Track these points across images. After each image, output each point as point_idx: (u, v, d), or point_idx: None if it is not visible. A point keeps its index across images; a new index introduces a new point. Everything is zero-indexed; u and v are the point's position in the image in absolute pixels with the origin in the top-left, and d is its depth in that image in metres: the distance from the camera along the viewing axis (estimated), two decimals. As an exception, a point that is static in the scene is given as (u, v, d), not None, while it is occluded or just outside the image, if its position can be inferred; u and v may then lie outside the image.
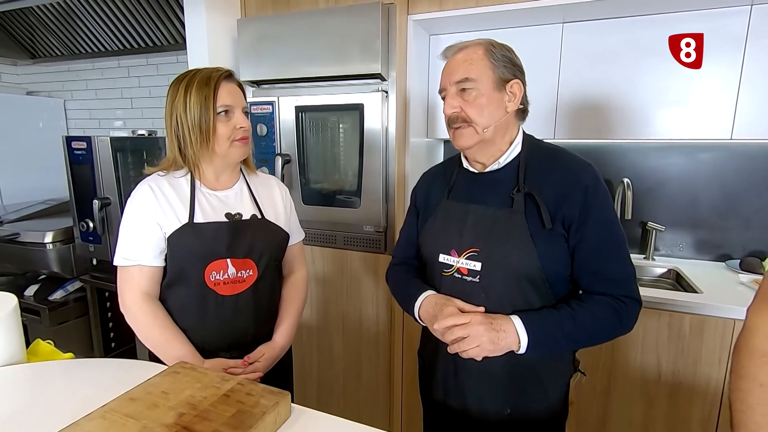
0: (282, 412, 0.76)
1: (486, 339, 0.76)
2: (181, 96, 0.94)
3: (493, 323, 0.77)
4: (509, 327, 0.78)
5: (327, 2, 1.69)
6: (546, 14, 1.53)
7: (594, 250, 0.81)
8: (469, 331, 0.77)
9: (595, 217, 0.80)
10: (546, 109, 1.67)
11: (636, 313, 0.82)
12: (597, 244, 0.80)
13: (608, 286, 0.80)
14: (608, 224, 0.82)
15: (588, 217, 0.80)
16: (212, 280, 0.95)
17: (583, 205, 0.80)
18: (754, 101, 1.44)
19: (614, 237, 0.82)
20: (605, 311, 0.79)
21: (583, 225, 0.80)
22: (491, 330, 0.76)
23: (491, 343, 0.76)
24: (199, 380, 0.81)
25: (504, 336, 0.77)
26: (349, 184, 1.72)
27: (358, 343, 1.82)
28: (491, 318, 0.79)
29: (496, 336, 0.76)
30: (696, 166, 1.75)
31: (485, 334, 0.76)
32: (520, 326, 0.77)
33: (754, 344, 0.62)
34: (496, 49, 0.85)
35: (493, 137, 0.87)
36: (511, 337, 0.77)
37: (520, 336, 0.77)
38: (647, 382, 1.44)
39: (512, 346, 0.78)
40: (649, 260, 1.83)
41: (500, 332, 0.77)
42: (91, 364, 1.01)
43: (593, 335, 0.80)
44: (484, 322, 0.77)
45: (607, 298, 0.80)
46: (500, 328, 0.77)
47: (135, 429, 0.68)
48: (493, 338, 0.76)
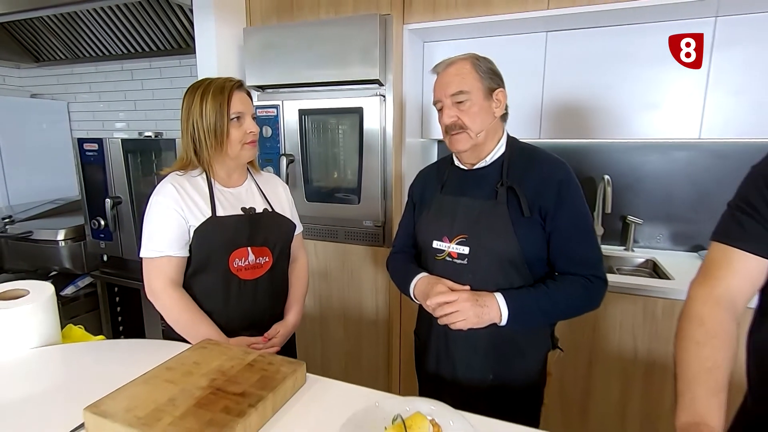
0: (299, 378, 0.88)
1: (471, 313, 0.89)
2: (197, 103, 1.05)
3: (478, 300, 0.90)
4: (492, 303, 0.90)
5: (328, 13, 1.81)
6: (530, 24, 1.66)
7: (566, 236, 0.93)
8: (456, 307, 0.89)
9: (567, 208, 0.93)
10: (532, 112, 1.80)
11: (603, 291, 0.94)
12: (569, 231, 0.93)
13: (579, 268, 0.93)
14: (579, 214, 0.94)
15: (561, 207, 0.93)
16: (235, 266, 1.06)
17: (557, 197, 0.93)
18: (719, 104, 1.58)
19: (584, 225, 0.94)
20: (576, 289, 0.91)
21: (557, 214, 0.93)
22: (476, 305, 0.89)
23: (476, 316, 0.89)
24: (225, 353, 0.93)
25: (487, 311, 0.89)
26: (349, 182, 1.84)
27: (359, 330, 1.94)
28: (477, 295, 0.91)
29: (480, 311, 0.89)
30: (670, 163, 1.89)
31: (471, 309, 0.89)
32: (502, 302, 0.90)
33: (692, 310, 0.75)
34: (480, 63, 0.97)
35: (485, 140, 1.00)
36: (494, 311, 0.90)
37: (502, 310, 0.90)
38: (625, 360, 1.57)
39: (495, 319, 0.90)
40: (628, 251, 1.97)
41: (484, 307, 0.89)
42: (122, 344, 1.12)
43: (566, 310, 0.93)
44: (470, 299, 0.90)
45: (578, 278, 0.92)
46: (484, 304, 0.90)
47: (175, 390, 0.79)
48: (478, 312, 0.89)
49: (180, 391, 0.79)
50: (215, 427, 0.69)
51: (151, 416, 0.71)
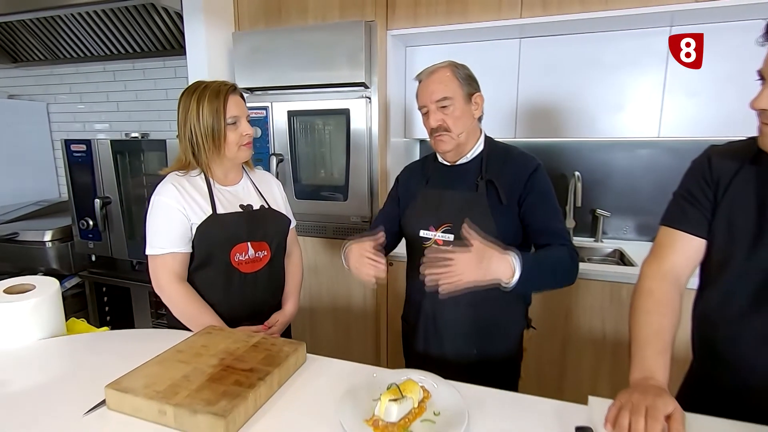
0: (300, 356, 0.97)
1: (470, 271, 0.87)
2: (194, 108, 1.10)
3: (482, 261, 0.88)
4: (501, 264, 0.89)
5: (315, 18, 1.89)
6: (504, 32, 1.79)
7: (537, 212, 1.04)
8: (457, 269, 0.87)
9: (537, 189, 1.04)
10: (507, 113, 1.93)
11: (578, 261, 1.03)
12: (539, 207, 1.04)
13: (552, 238, 1.03)
14: (547, 194, 1.06)
15: (532, 189, 1.04)
16: (236, 260, 1.14)
17: (528, 183, 1.05)
18: (675, 106, 1.74)
19: (552, 203, 1.06)
20: (563, 255, 1.00)
21: (529, 195, 1.04)
22: (479, 267, 0.87)
23: (475, 276, 0.87)
24: (230, 337, 1.00)
25: (493, 272, 0.89)
26: (336, 180, 1.93)
27: (347, 322, 2.03)
28: (480, 255, 0.88)
29: (483, 274, 0.88)
30: (634, 160, 2.05)
31: (470, 266, 0.87)
32: (518, 264, 0.90)
33: (643, 285, 0.87)
34: (459, 70, 1.08)
35: (466, 140, 1.10)
36: (502, 270, 0.89)
37: (516, 270, 0.90)
38: (595, 341, 1.71)
39: (503, 277, 0.90)
40: (598, 242, 2.12)
41: (488, 270, 0.88)
42: (127, 334, 1.18)
43: (560, 270, 0.99)
44: (471, 259, 0.87)
45: (560, 246, 1.01)
46: (489, 267, 0.88)
47: (188, 369, 0.87)
48: (479, 276, 0.88)
49: (192, 370, 0.86)
50: (229, 397, 0.77)
51: (169, 390, 0.79)
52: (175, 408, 0.74)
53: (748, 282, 0.77)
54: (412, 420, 0.76)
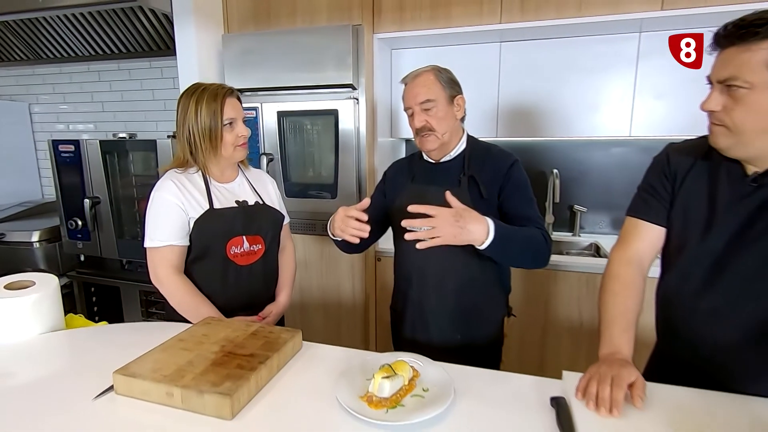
0: (297, 342, 1.02)
1: (448, 231, 0.93)
2: (192, 110, 1.15)
3: (458, 220, 0.95)
4: (477, 226, 0.96)
5: (303, 22, 1.95)
6: (486, 36, 1.87)
7: (515, 201, 1.12)
8: (435, 223, 0.93)
9: (514, 181, 1.13)
10: (489, 113, 2.02)
11: (551, 246, 1.11)
12: (516, 196, 1.13)
13: (528, 223, 1.10)
14: (524, 186, 1.14)
15: (509, 180, 1.13)
16: (232, 253, 1.19)
17: (506, 176, 1.13)
18: (645, 107, 1.85)
19: (528, 194, 1.14)
20: (537, 235, 1.08)
21: (506, 185, 1.13)
22: (455, 225, 0.94)
23: (452, 236, 0.94)
24: (229, 326, 1.06)
25: (467, 232, 0.95)
26: (325, 178, 1.99)
27: (338, 315, 2.09)
28: (458, 216, 0.95)
29: (459, 231, 0.94)
30: (609, 158, 2.16)
31: (449, 227, 0.93)
32: (492, 225, 0.97)
33: (611, 270, 0.96)
34: (441, 73, 1.15)
35: (449, 139, 1.18)
36: (477, 233, 0.96)
37: (490, 231, 0.96)
38: (572, 328, 1.81)
39: (476, 240, 0.97)
40: (576, 236, 2.22)
41: (464, 229, 0.94)
42: (126, 327, 1.21)
43: (532, 246, 1.06)
44: (449, 217, 0.94)
45: (536, 229, 1.08)
46: (465, 225, 0.95)
47: (191, 356, 0.92)
48: (455, 233, 0.94)
49: (196, 356, 0.91)
50: (233, 379, 0.82)
51: (175, 374, 0.84)
52: (183, 389, 0.80)
53: (700, 264, 0.87)
54: (403, 395, 0.83)
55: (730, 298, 0.84)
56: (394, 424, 0.75)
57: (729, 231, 0.83)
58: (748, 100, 0.73)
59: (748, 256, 0.81)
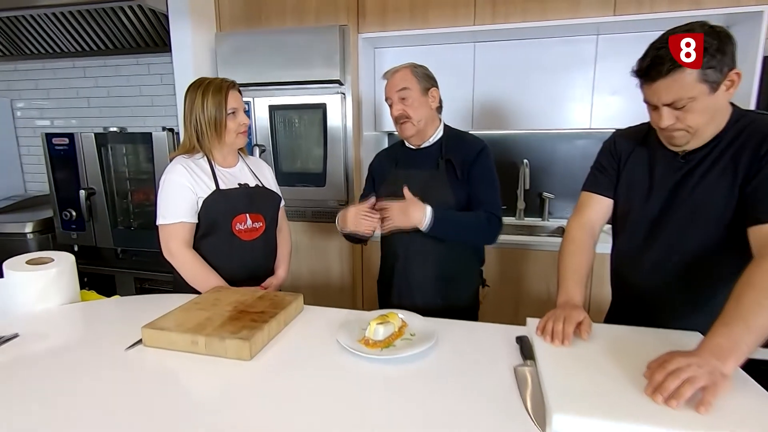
0: (299, 303, 1.16)
1: (397, 216, 1.19)
2: (199, 100, 1.29)
3: (406, 210, 1.19)
4: (419, 212, 1.19)
5: (293, 22, 2.08)
6: (460, 36, 2.05)
7: (475, 183, 1.29)
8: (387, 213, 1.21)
9: (480, 165, 1.30)
10: (465, 107, 2.19)
11: (499, 228, 1.29)
12: (479, 179, 1.29)
13: (484, 207, 1.28)
14: (488, 170, 1.31)
15: (476, 164, 1.29)
16: (237, 229, 1.32)
17: (475, 159, 1.30)
18: (603, 102, 2.06)
19: (491, 177, 1.31)
20: (480, 220, 1.26)
21: (473, 169, 1.29)
22: (402, 214, 1.19)
23: (401, 222, 1.20)
24: (237, 292, 1.19)
25: (411, 218, 1.19)
26: (314, 168, 2.12)
27: (327, 295, 2.23)
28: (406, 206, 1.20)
29: (405, 218, 1.19)
30: (574, 149, 2.37)
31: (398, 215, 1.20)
32: (429, 213, 1.20)
33: (568, 234, 1.14)
34: (417, 69, 1.31)
35: (425, 127, 1.34)
36: (417, 218, 1.19)
37: (426, 218, 1.19)
38: (542, 302, 2.01)
39: (418, 224, 1.19)
40: (545, 221, 2.43)
41: (410, 216, 1.19)
42: (140, 298, 1.32)
43: (471, 227, 1.26)
44: (398, 208, 1.20)
45: (483, 213, 1.27)
46: (410, 214, 1.19)
47: (208, 314, 1.05)
48: (403, 220, 1.19)
49: (212, 314, 1.04)
50: (248, 329, 0.96)
51: (197, 327, 0.97)
52: (206, 337, 0.93)
53: (642, 225, 1.06)
54: (395, 339, 0.98)
55: (665, 251, 1.03)
56: (388, 357, 0.90)
57: (663, 196, 1.02)
58: (695, 107, 0.89)
59: (677, 215, 1.00)
